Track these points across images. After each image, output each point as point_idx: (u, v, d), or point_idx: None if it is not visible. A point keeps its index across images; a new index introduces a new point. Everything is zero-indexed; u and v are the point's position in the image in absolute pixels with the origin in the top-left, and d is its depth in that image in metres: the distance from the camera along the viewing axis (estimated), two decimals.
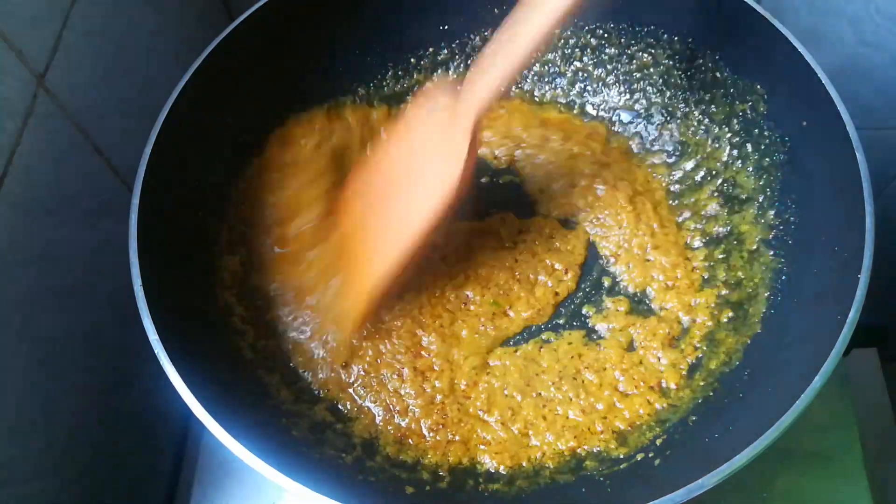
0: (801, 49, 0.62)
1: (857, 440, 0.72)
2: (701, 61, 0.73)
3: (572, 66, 0.81)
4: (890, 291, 0.81)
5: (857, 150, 0.57)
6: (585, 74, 0.81)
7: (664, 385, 0.65)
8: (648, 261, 0.72)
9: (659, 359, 0.66)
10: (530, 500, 0.59)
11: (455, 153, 0.59)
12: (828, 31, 0.82)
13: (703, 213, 0.73)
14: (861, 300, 0.52)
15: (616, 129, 0.80)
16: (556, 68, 0.82)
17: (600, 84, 0.81)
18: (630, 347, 0.67)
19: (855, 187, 0.56)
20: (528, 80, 0.83)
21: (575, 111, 0.81)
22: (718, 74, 0.72)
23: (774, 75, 0.67)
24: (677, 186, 0.76)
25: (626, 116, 0.80)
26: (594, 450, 0.62)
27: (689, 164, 0.75)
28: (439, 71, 0.82)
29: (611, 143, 0.79)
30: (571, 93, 0.82)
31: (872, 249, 0.53)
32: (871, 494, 0.69)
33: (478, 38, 0.81)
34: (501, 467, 0.62)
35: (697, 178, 0.75)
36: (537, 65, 0.82)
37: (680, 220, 0.74)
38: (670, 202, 0.75)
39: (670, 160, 0.77)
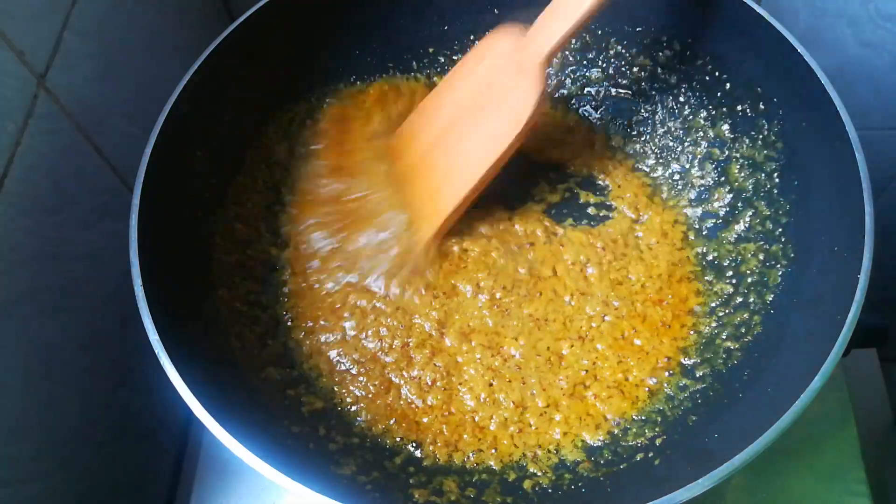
0: (800, 49, 0.62)
1: (856, 440, 0.72)
2: (700, 62, 0.73)
3: (569, 67, 0.81)
4: (890, 291, 0.81)
5: (857, 151, 0.57)
6: (582, 75, 0.81)
7: (665, 385, 0.65)
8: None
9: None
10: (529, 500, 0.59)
11: (529, 93, 0.65)
12: (827, 32, 0.82)
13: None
14: (861, 300, 0.52)
15: (612, 131, 0.80)
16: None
17: (595, 83, 0.81)
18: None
19: (855, 187, 0.56)
20: None
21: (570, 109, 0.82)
22: (718, 75, 0.72)
23: (774, 76, 0.67)
24: (675, 186, 0.76)
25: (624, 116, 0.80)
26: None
27: (687, 164, 0.76)
28: (439, 71, 0.82)
29: (608, 145, 0.80)
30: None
31: (872, 249, 0.54)
32: (871, 494, 0.69)
33: (477, 40, 0.81)
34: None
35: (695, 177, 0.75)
36: None
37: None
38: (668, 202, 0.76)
39: (668, 160, 0.77)
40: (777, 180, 0.68)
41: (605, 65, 0.80)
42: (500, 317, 0.69)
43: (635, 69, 0.79)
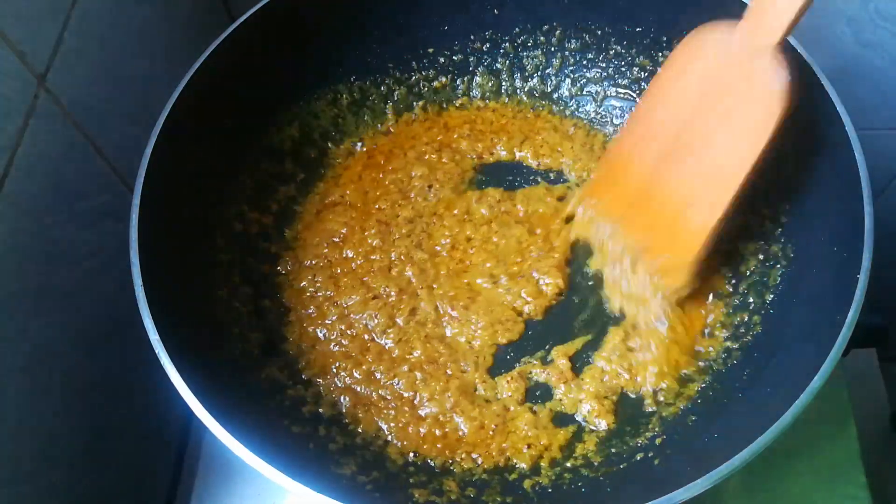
0: (800, 49, 0.62)
1: (855, 440, 0.72)
2: None
3: (569, 67, 0.81)
4: (889, 291, 0.81)
5: (857, 151, 0.57)
6: (582, 75, 0.81)
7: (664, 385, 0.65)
8: None
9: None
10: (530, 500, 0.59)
11: (775, 79, 0.58)
12: (827, 32, 0.82)
13: None
14: (860, 300, 0.52)
15: (612, 131, 0.80)
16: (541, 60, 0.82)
17: (600, 90, 0.81)
18: None
19: (855, 187, 0.56)
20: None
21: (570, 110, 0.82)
22: None
23: None
24: None
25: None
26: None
27: None
28: (439, 71, 0.82)
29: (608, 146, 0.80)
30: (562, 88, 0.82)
31: (872, 249, 0.54)
32: (870, 495, 0.69)
33: (478, 41, 0.81)
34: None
35: None
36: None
37: None
38: None
39: None
40: (776, 180, 0.68)
41: (605, 65, 0.80)
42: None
43: (635, 69, 0.79)
